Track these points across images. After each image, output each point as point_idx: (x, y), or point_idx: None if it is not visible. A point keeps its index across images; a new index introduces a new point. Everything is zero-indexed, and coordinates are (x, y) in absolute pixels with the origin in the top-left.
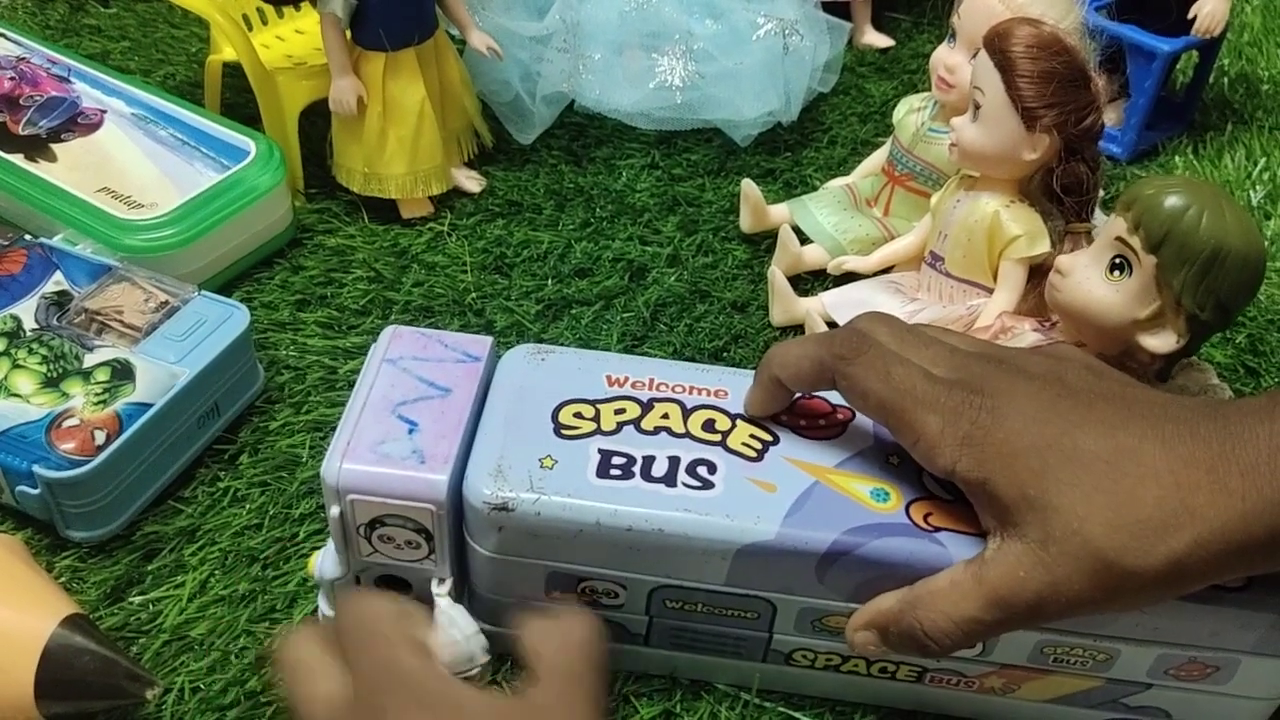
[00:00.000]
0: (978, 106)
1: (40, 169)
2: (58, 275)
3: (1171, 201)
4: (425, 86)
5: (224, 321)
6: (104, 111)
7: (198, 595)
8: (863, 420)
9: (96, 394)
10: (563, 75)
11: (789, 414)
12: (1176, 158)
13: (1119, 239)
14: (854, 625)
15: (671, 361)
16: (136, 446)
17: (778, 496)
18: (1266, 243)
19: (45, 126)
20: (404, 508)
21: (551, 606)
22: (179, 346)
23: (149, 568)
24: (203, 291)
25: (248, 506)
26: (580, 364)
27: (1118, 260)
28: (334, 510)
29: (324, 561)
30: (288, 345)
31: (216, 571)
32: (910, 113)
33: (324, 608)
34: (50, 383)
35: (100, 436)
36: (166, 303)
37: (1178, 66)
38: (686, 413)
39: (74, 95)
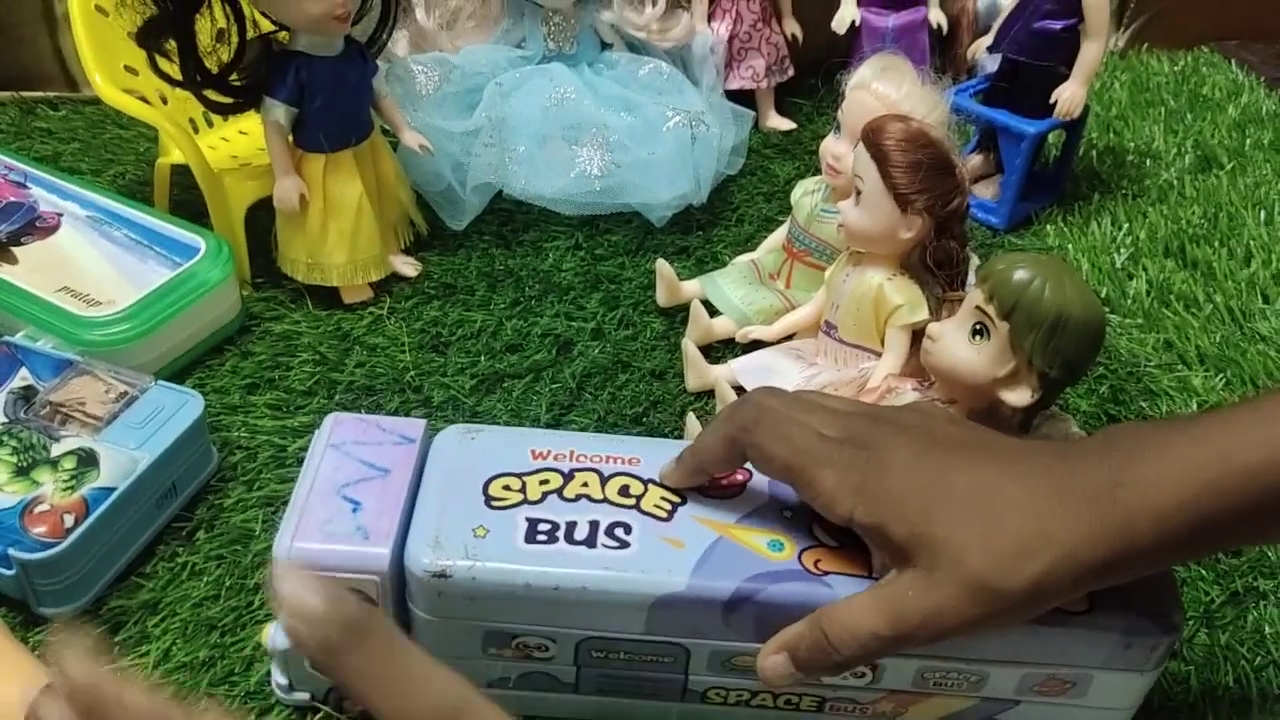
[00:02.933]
0: (859, 191)
1: (2, 271)
2: (23, 371)
3: (1019, 275)
4: (363, 182)
5: (179, 408)
6: (60, 215)
7: (161, 663)
8: (759, 480)
9: (64, 481)
10: (490, 167)
11: (704, 484)
12: (1049, 226)
13: (978, 307)
14: (765, 652)
15: (590, 434)
16: (102, 527)
17: (686, 552)
18: (1129, 301)
19: (5, 231)
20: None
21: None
22: (138, 433)
23: (115, 639)
24: (159, 381)
25: (205, 579)
26: (507, 440)
27: (978, 326)
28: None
29: (276, 633)
30: (239, 427)
31: (178, 640)
32: (805, 194)
33: (277, 677)
34: (21, 472)
35: (69, 520)
36: (125, 393)
37: (1049, 142)
38: (604, 480)
39: (31, 200)
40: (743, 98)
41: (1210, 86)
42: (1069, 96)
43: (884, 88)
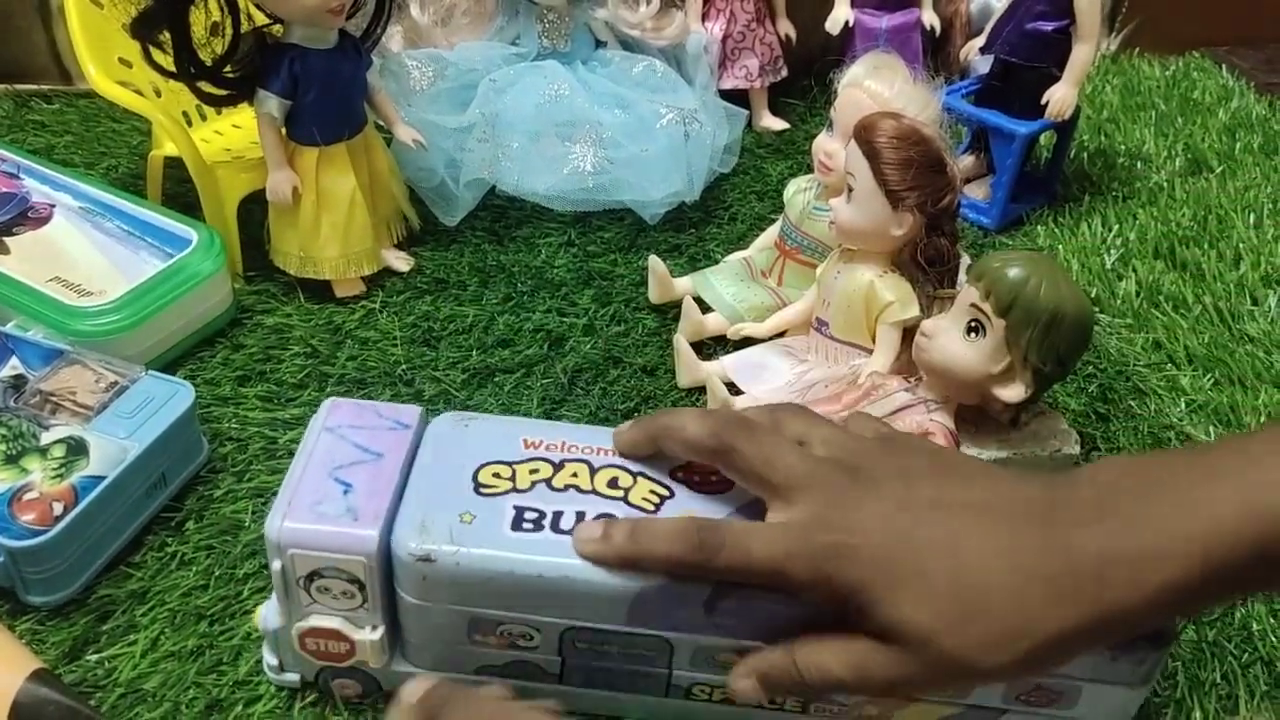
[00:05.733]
0: (851, 189)
1: None
2: (14, 360)
3: (1014, 272)
4: (356, 176)
5: (170, 398)
6: (52, 206)
7: (149, 652)
8: None
9: (54, 469)
10: (484, 162)
11: (684, 471)
12: (1039, 227)
13: (973, 305)
14: (738, 674)
15: (582, 426)
16: (91, 516)
17: None
18: (1118, 301)
19: None
20: (338, 561)
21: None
22: (129, 423)
23: (104, 628)
24: (150, 371)
25: (194, 569)
26: (500, 429)
27: (973, 323)
28: (276, 564)
29: (268, 613)
30: (230, 418)
31: (166, 629)
32: (798, 192)
33: (268, 657)
34: (10, 460)
35: (58, 508)
36: (116, 383)
37: (1040, 143)
38: (593, 471)
39: (24, 191)
40: (736, 98)
41: (1200, 91)
42: (1060, 98)
43: (876, 85)
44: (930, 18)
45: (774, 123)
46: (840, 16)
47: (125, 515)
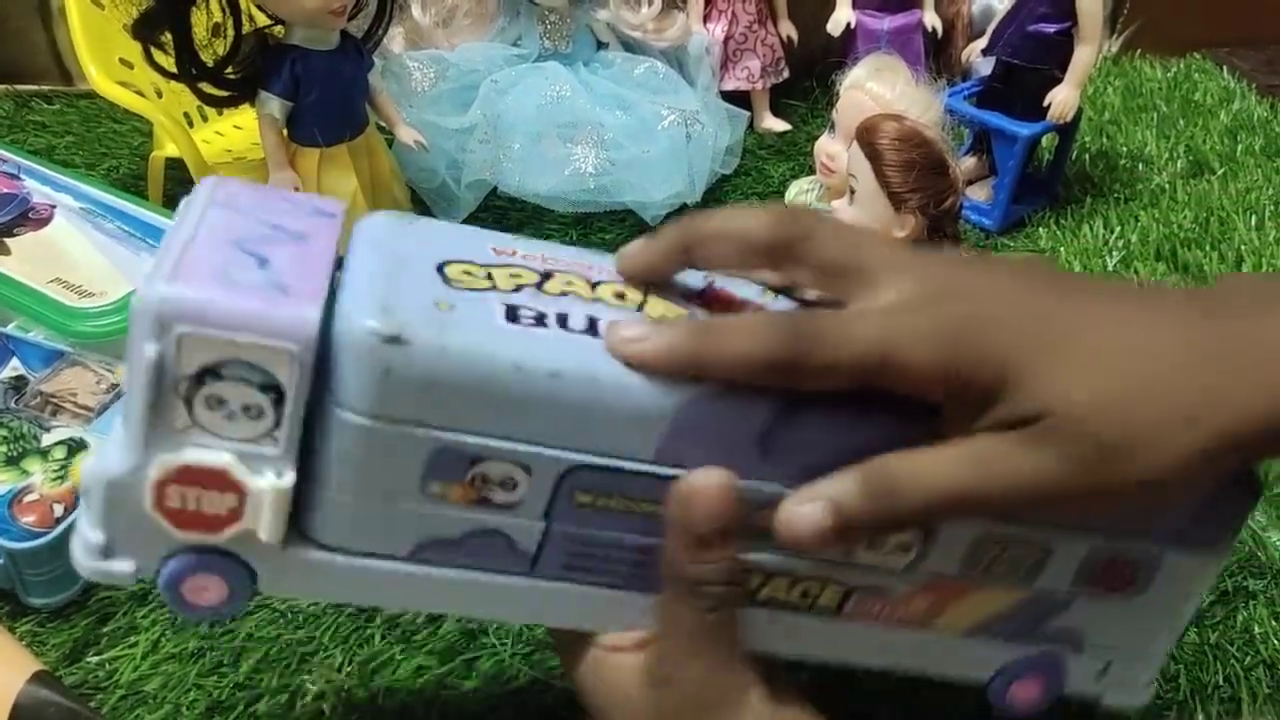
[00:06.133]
0: (853, 191)
1: None
2: (14, 361)
3: None
4: (357, 177)
5: None
6: (53, 207)
7: (150, 654)
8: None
9: (54, 470)
10: (485, 164)
11: (699, 301)
12: (1041, 229)
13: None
14: (797, 500)
15: (564, 246)
16: None
17: None
18: None
19: None
20: (257, 348)
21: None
22: None
23: (104, 630)
24: None
25: None
26: (458, 232)
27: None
28: (149, 351)
29: (103, 457)
30: None
31: (167, 631)
32: (800, 194)
33: (87, 533)
34: (11, 461)
35: (59, 509)
36: (117, 384)
37: (1042, 145)
38: (592, 284)
39: (24, 192)
40: (738, 99)
41: (1202, 92)
42: (1062, 100)
43: (878, 87)
44: (932, 19)
45: (776, 124)
46: (842, 18)
47: None
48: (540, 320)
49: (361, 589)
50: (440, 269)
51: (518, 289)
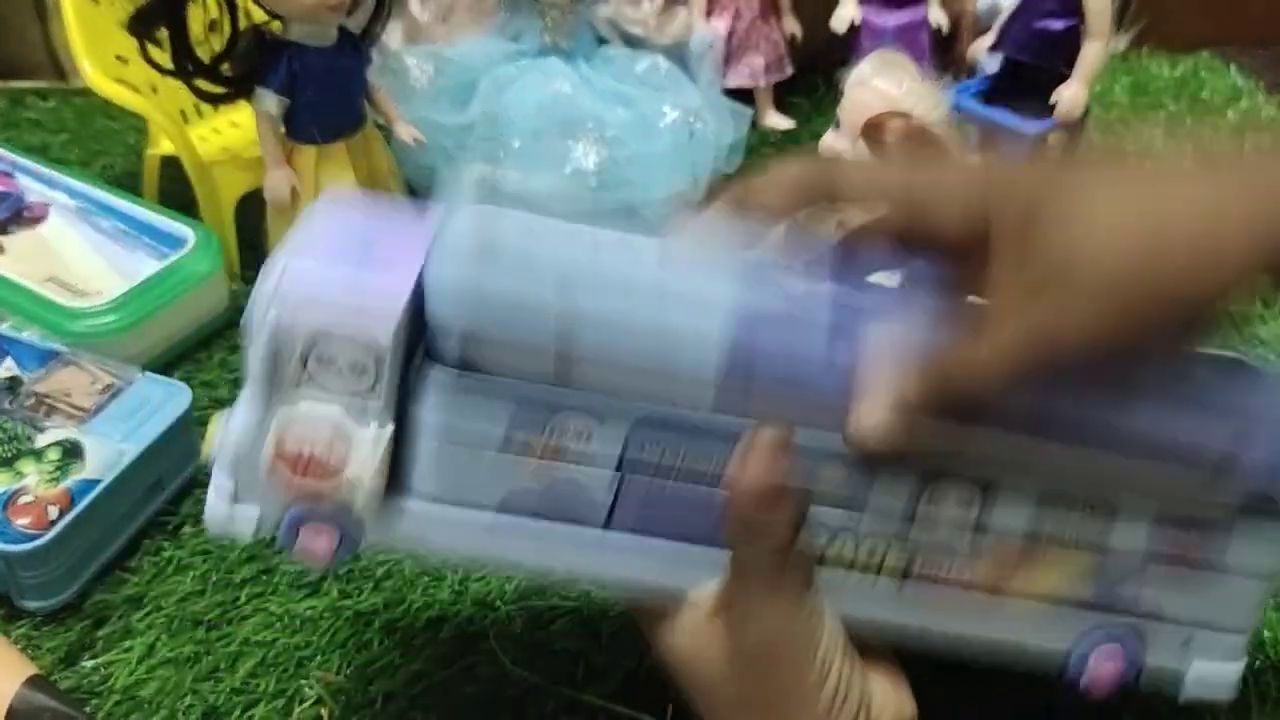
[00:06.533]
0: None
1: None
2: (8, 361)
3: None
4: (355, 175)
5: (166, 401)
6: (48, 205)
7: (146, 658)
8: None
9: (49, 472)
10: (485, 161)
11: None
12: None
13: None
14: (869, 408)
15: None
16: (86, 520)
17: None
18: None
19: None
20: (354, 325)
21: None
22: (124, 426)
23: (99, 634)
24: (146, 373)
25: (191, 574)
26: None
27: None
28: (270, 315)
29: (233, 419)
30: None
31: (163, 635)
32: None
33: (222, 483)
34: (5, 462)
35: (53, 511)
36: (112, 385)
37: (1049, 142)
38: None
39: (19, 190)
40: (741, 96)
41: (1210, 91)
42: (1069, 97)
43: (884, 84)
44: (938, 16)
45: (779, 121)
46: (846, 14)
47: (121, 519)
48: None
49: (455, 539)
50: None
51: None
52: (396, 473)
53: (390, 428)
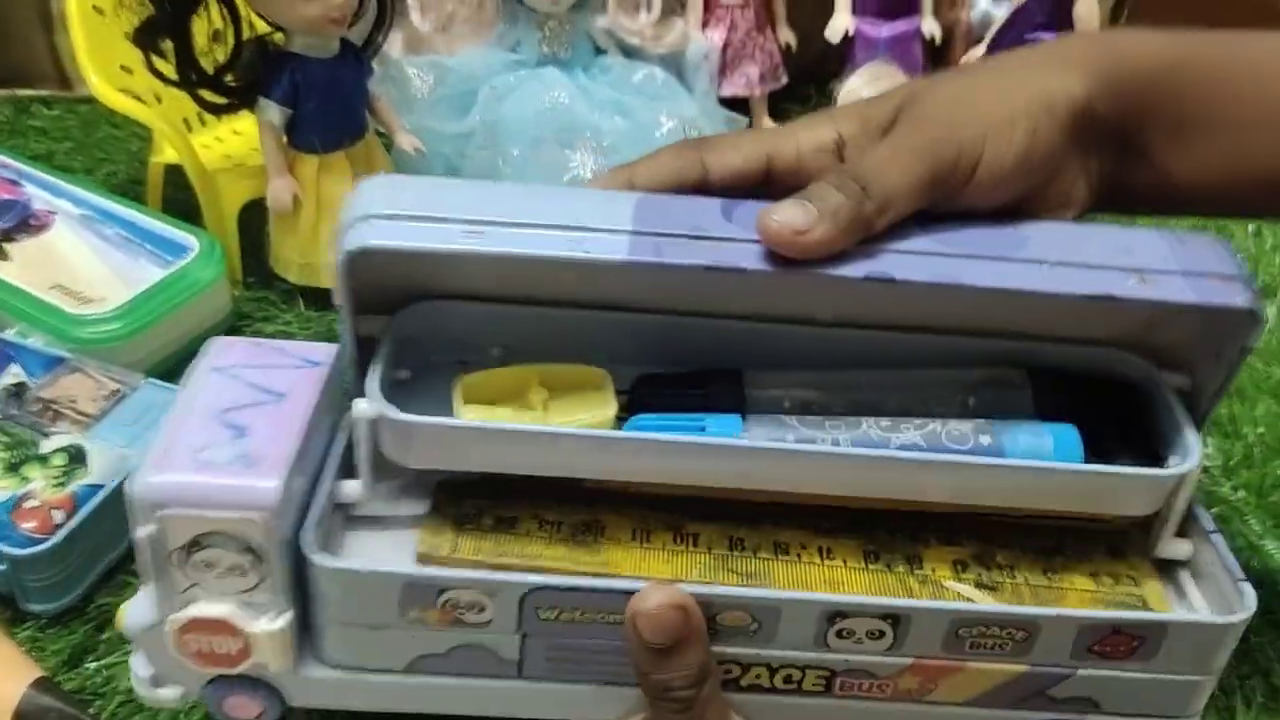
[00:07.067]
0: None
1: None
2: (15, 367)
3: None
4: (355, 183)
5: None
6: (53, 213)
7: None
8: None
9: (54, 477)
10: (484, 170)
11: None
12: None
13: None
14: (780, 204)
15: None
16: (91, 524)
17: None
18: None
19: None
20: (228, 522)
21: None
22: (128, 431)
23: (103, 637)
24: (150, 379)
25: None
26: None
27: None
28: (143, 531)
29: (135, 608)
30: None
31: None
32: None
33: (138, 668)
34: (11, 468)
35: (58, 516)
36: (116, 391)
37: None
38: None
39: (25, 198)
40: (737, 105)
41: None
42: None
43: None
44: (931, 27)
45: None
46: (840, 25)
47: (124, 524)
48: None
49: (373, 699)
50: None
51: None
52: (306, 641)
53: (286, 617)
